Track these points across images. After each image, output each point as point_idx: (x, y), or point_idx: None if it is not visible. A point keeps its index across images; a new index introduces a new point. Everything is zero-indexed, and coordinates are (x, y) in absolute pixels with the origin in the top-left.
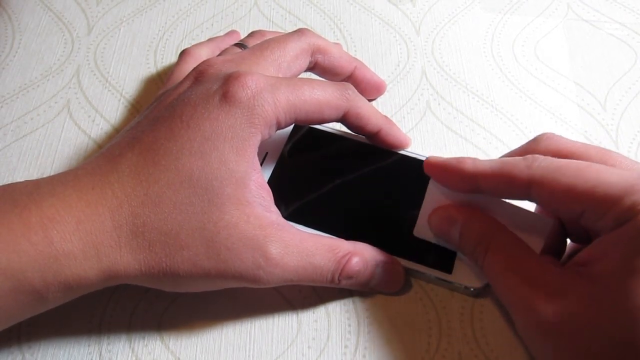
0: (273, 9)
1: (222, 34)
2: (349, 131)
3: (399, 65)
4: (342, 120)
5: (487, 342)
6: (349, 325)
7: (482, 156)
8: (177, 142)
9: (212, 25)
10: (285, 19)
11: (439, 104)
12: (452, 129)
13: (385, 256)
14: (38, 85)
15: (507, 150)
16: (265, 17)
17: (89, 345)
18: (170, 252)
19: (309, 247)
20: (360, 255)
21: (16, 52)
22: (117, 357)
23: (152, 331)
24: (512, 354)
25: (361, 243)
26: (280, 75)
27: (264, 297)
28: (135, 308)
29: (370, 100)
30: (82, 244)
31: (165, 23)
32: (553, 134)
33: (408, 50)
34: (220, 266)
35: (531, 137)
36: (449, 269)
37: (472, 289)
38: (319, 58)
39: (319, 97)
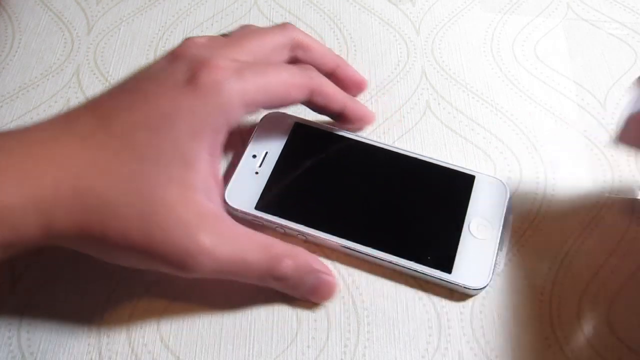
0: (273, 8)
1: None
2: (349, 131)
3: (398, 65)
4: (309, 100)
5: (487, 342)
6: (349, 325)
7: (481, 155)
8: (133, 115)
9: (212, 25)
10: (285, 18)
11: (438, 104)
12: (452, 128)
13: (320, 265)
14: (38, 85)
15: (507, 151)
16: (265, 16)
17: (88, 345)
18: (104, 219)
19: (243, 242)
20: (294, 259)
21: (16, 51)
22: (116, 357)
23: (151, 330)
24: (512, 354)
25: (299, 248)
26: None
27: (264, 297)
28: (135, 307)
29: None
30: (23, 198)
31: (165, 23)
32: None
33: (408, 50)
34: (151, 246)
35: (531, 136)
36: (448, 269)
37: (472, 289)
38: (300, 54)
39: (286, 78)
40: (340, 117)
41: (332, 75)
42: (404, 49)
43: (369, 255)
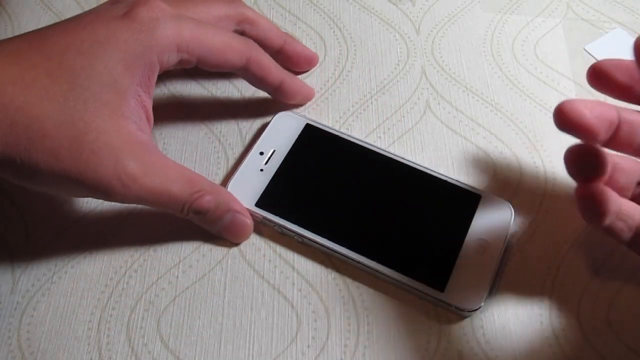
0: (273, 8)
1: None
2: (358, 137)
3: (398, 65)
4: (245, 69)
5: (487, 342)
6: (349, 325)
7: (482, 155)
8: (66, 38)
9: None
10: (285, 18)
11: (438, 104)
12: (452, 128)
13: (239, 206)
14: None
15: (506, 150)
16: (265, 16)
17: (88, 344)
18: (32, 136)
19: (169, 174)
20: (214, 196)
21: None
22: (116, 356)
23: (151, 330)
24: (512, 354)
25: (222, 187)
26: None
27: (264, 296)
28: (134, 307)
29: (302, 73)
30: None
31: None
32: None
33: (408, 49)
34: (80, 167)
35: (531, 136)
36: (441, 286)
37: (464, 311)
38: (247, 28)
39: (224, 38)
40: (277, 92)
41: (280, 52)
42: (404, 48)
43: (363, 264)
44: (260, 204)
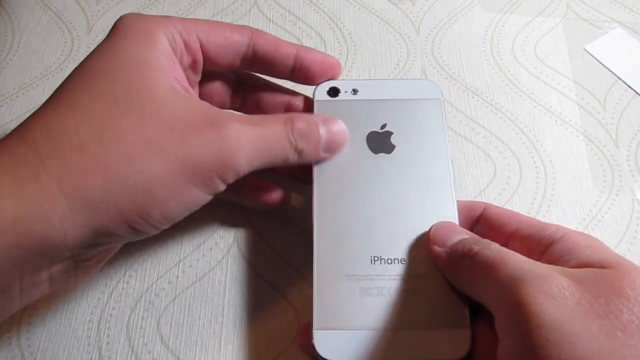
0: (273, 8)
1: None
2: None
3: (398, 65)
4: (252, 46)
5: None
6: None
7: (481, 155)
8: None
9: None
10: (285, 18)
11: None
12: (452, 128)
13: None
14: (38, 85)
15: (507, 150)
16: (265, 16)
17: (88, 344)
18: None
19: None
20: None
21: (16, 51)
22: (116, 356)
23: (151, 330)
24: None
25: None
26: None
27: (264, 296)
28: (134, 307)
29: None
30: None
31: None
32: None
33: (408, 49)
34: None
35: (531, 136)
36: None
37: None
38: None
39: (222, 24)
40: (296, 67)
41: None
42: (404, 48)
43: None
44: None
